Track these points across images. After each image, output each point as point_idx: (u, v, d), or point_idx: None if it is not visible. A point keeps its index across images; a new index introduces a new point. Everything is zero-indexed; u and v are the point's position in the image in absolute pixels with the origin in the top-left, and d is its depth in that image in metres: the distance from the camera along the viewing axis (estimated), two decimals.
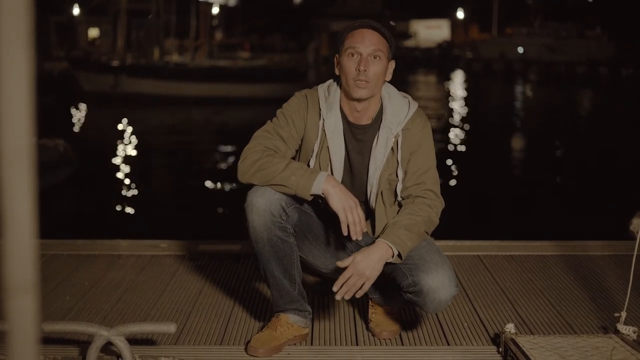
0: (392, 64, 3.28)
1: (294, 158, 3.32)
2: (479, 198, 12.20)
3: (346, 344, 3.40)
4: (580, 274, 4.48)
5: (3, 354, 3.05)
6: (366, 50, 3.14)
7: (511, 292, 4.15)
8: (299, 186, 3.02)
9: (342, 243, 3.33)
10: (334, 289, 3.04)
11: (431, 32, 69.46)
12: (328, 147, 3.24)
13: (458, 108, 29.13)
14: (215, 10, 44.29)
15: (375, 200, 3.26)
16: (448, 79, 45.87)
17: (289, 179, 3.03)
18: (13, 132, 0.86)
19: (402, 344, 3.41)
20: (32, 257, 0.90)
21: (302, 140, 3.28)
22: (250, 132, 3.28)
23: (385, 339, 3.44)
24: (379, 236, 3.13)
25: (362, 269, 2.99)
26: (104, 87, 27.85)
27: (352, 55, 3.17)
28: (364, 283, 3.00)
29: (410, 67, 49.95)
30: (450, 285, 3.06)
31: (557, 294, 4.13)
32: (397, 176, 3.25)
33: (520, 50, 53.79)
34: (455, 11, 69.38)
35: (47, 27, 43.31)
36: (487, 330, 3.57)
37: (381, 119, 3.25)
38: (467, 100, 32.98)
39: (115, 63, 29.69)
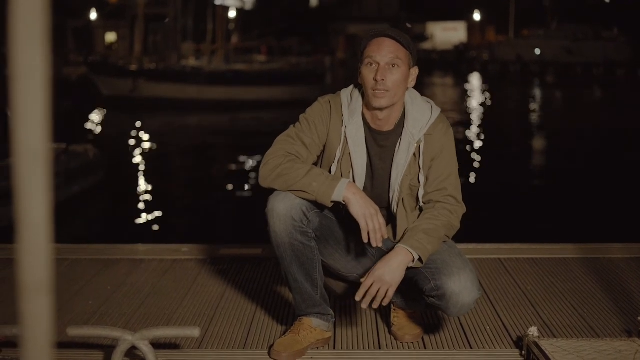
0: (415, 71, 3.27)
1: (315, 164, 3.33)
2: (499, 201, 12.17)
3: (369, 348, 3.41)
4: (602, 276, 4.46)
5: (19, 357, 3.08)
6: (384, 60, 3.13)
7: (533, 295, 4.14)
8: (320, 193, 3.03)
9: (363, 247, 3.33)
10: (357, 298, 3.04)
11: (448, 34, 69.24)
12: (350, 154, 3.25)
13: (476, 110, 29.05)
14: (232, 14, 44.39)
15: (397, 206, 3.26)
16: (465, 81, 45.76)
17: (310, 186, 3.04)
18: (28, 135, 0.87)
19: (425, 348, 3.41)
20: (46, 259, 0.90)
21: (324, 146, 3.29)
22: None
23: (407, 343, 3.44)
24: (399, 242, 3.13)
25: (381, 275, 3.00)
26: (123, 92, 28.00)
27: (370, 65, 3.16)
28: (387, 290, 3.00)
29: (426, 70, 49.83)
30: (473, 289, 3.06)
31: (580, 296, 4.11)
32: (419, 182, 3.25)
33: (538, 51, 53.59)
34: (472, 13, 69.17)
35: (65, 31, 43.51)
36: (509, 334, 3.57)
37: (403, 125, 3.26)
38: (485, 102, 32.88)
39: (133, 67, 29.84)
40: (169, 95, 27.91)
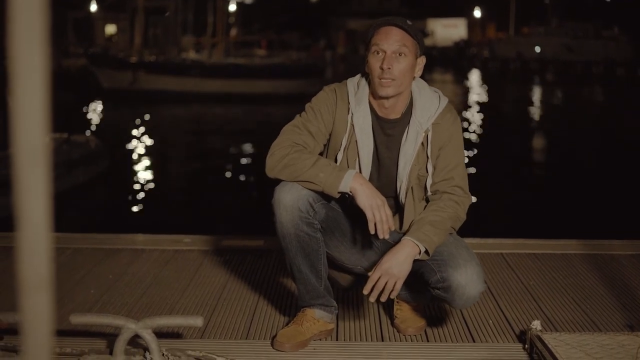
0: (422, 60, 3.26)
1: (322, 152, 3.32)
2: (501, 196, 12.17)
3: (371, 340, 3.40)
4: (604, 272, 4.46)
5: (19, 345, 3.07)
6: (390, 48, 3.13)
7: (535, 290, 4.14)
8: (327, 183, 3.02)
9: (369, 239, 3.33)
10: (365, 292, 3.04)
11: (448, 30, 69.18)
12: (356, 141, 3.24)
13: (476, 106, 29.04)
14: (232, 7, 44.33)
15: (405, 196, 3.26)
16: (465, 78, 45.76)
17: (317, 176, 3.03)
18: (27, 129, 0.86)
19: (428, 341, 3.40)
20: (46, 254, 0.90)
21: (330, 134, 3.28)
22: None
23: (410, 335, 3.44)
24: (405, 233, 3.13)
25: (388, 268, 3.00)
26: (123, 84, 27.98)
27: (377, 53, 3.16)
28: (395, 283, 3.00)
29: (426, 66, 49.48)
30: (479, 281, 3.06)
31: (582, 292, 4.11)
32: (427, 171, 3.24)
33: (538, 49, 53.56)
34: (473, 10, 69.14)
35: (65, 23, 43.46)
36: (512, 328, 3.56)
37: (411, 114, 3.25)
38: (485, 99, 32.87)
39: (133, 60, 29.82)
40: (168, 88, 27.90)
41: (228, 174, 14.74)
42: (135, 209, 11.66)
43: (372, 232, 3.02)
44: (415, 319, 3.50)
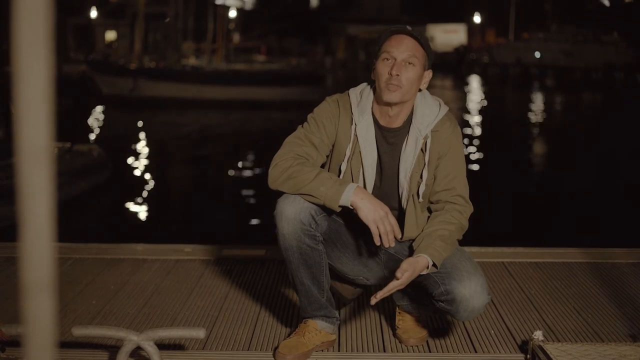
0: (429, 74, 3.26)
1: (325, 163, 3.32)
2: (502, 204, 12.15)
3: (373, 351, 3.41)
4: (606, 281, 4.46)
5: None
6: (400, 56, 3.14)
7: (537, 300, 4.13)
8: (328, 197, 3.02)
9: (371, 251, 3.33)
10: (378, 296, 3.00)
11: (448, 36, 69.16)
12: (360, 151, 3.24)
13: (476, 113, 29.04)
14: (232, 13, 44.39)
15: (407, 203, 3.25)
16: (465, 83, 45.77)
17: (318, 190, 3.03)
18: (32, 134, 0.87)
19: (430, 351, 3.40)
20: (49, 257, 0.90)
21: (333, 145, 3.28)
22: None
23: (412, 346, 3.44)
24: (411, 244, 3.14)
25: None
26: (123, 90, 27.95)
27: (387, 60, 3.17)
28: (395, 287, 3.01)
29: None
30: (483, 293, 3.06)
31: (584, 301, 4.11)
32: (421, 177, 3.23)
33: (537, 54, 53.59)
34: (473, 16, 69.16)
35: (65, 29, 43.46)
36: (514, 338, 3.56)
37: (411, 121, 3.25)
38: (485, 105, 32.88)
39: (133, 66, 29.82)
40: (169, 95, 27.86)
41: (229, 182, 14.73)
42: (136, 218, 11.65)
43: (378, 244, 3.02)
44: (417, 329, 3.50)
